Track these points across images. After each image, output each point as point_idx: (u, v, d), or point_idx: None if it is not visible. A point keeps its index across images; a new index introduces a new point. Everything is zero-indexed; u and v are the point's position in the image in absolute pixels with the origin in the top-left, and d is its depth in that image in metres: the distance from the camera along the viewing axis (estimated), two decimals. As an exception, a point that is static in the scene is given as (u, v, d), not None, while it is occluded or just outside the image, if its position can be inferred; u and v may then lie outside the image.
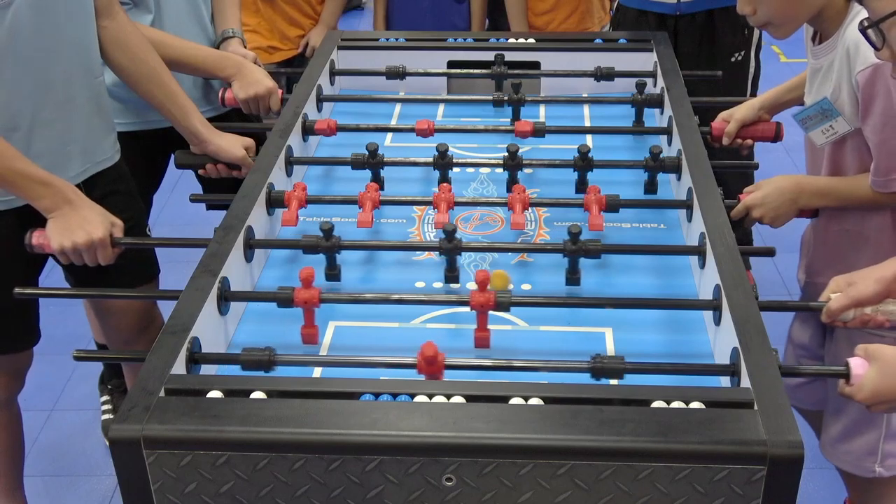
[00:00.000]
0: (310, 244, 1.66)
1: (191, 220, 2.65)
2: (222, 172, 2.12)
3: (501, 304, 1.48)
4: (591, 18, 3.17)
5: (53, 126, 1.87)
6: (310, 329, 1.52)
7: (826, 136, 1.81)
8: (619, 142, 2.20)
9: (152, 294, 2.19)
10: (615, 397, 1.26)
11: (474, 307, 1.48)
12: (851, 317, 1.45)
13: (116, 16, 1.97)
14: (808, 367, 1.77)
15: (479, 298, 1.48)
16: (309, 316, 1.51)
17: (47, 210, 1.76)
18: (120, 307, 2.15)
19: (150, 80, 2.01)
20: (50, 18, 1.81)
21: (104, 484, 2.58)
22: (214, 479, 1.21)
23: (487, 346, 1.49)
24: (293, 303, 1.50)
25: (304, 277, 1.49)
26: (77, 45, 1.88)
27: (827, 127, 1.80)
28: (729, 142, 2.14)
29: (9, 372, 2.05)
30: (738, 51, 2.83)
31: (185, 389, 1.28)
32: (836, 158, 1.85)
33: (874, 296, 1.43)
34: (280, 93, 2.29)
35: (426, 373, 1.36)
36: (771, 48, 5.54)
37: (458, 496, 1.20)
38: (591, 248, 1.63)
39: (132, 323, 2.17)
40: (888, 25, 1.30)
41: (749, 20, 1.82)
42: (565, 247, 1.63)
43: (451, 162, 1.95)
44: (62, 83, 1.87)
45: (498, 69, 2.37)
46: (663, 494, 1.19)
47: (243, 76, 2.25)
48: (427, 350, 1.35)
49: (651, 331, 1.57)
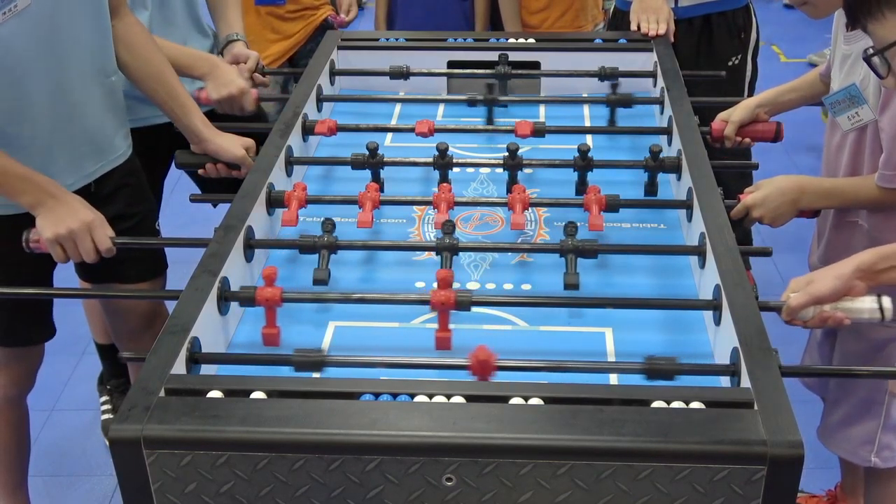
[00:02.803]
0: (306, 244, 1.66)
1: (191, 220, 2.64)
2: (222, 172, 2.11)
3: (462, 304, 1.48)
4: (585, 16, 3.20)
5: (69, 127, 1.87)
6: (271, 329, 1.51)
7: (852, 123, 1.82)
8: (619, 142, 2.20)
9: (152, 294, 2.19)
10: (615, 397, 1.27)
11: (434, 306, 1.48)
12: (811, 315, 1.44)
13: (125, 16, 1.98)
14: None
15: (439, 297, 1.47)
16: (270, 316, 1.50)
17: (31, 206, 1.75)
18: (126, 304, 2.16)
19: (154, 78, 2.01)
20: (67, 19, 1.80)
21: (104, 484, 2.58)
22: (214, 479, 1.21)
23: (448, 348, 1.48)
24: (254, 302, 1.50)
25: (266, 275, 1.49)
26: (93, 46, 1.89)
27: (853, 113, 1.81)
28: (730, 144, 2.14)
29: (20, 368, 2.06)
30: (735, 55, 2.85)
31: (185, 389, 1.28)
32: (856, 158, 1.86)
33: (832, 293, 1.42)
34: (254, 93, 2.28)
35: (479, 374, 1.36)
36: (771, 48, 5.54)
37: (458, 496, 1.20)
38: (589, 247, 1.64)
39: (140, 318, 2.17)
40: (892, 53, 1.30)
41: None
42: (563, 246, 1.63)
43: (451, 162, 1.95)
44: (79, 84, 1.87)
45: (502, 69, 2.37)
46: (663, 494, 1.19)
47: (216, 77, 2.24)
48: (480, 354, 1.34)
49: (651, 331, 1.57)
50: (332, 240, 1.66)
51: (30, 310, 2.00)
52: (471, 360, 1.35)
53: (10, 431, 2.13)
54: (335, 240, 1.67)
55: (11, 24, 1.70)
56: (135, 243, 1.97)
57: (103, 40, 1.91)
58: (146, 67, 2.01)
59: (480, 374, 1.35)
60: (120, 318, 2.19)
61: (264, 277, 1.50)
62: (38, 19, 1.75)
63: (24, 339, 2.03)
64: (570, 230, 1.67)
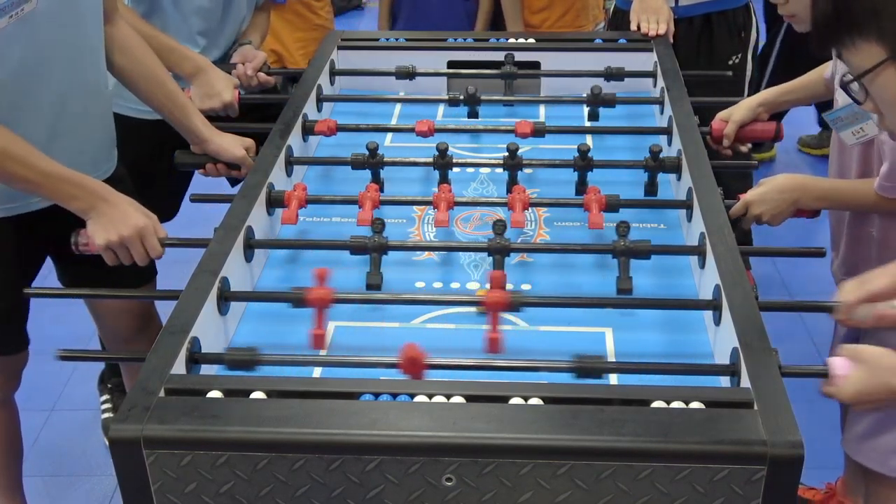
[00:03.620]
0: (359, 245, 1.65)
1: (191, 220, 2.64)
2: (222, 172, 2.12)
3: (514, 304, 1.47)
4: (587, 16, 3.22)
5: (68, 140, 1.85)
6: (319, 331, 1.49)
7: (856, 138, 1.81)
8: (620, 142, 2.20)
9: (153, 294, 2.19)
10: (615, 397, 1.27)
11: (488, 308, 1.47)
12: (866, 314, 1.43)
13: (117, 20, 1.97)
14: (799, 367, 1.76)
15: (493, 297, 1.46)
16: (320, 317, 1.49)
17: (83, 211, 1.71)
18: (118, 308, 2.15)
19: (150, 81, 2.01)
20: (72, 29, 1.79)
21: (104, 484, 2.58)
22: (214, 479, 1.21)
23: (499, 351, 1.46)
24: (305, 303, 1.48)
25: (319, 275, 1.47)
26: (93, 56, 1.88)
27: (858, 129, 1.79)
28: (729, 143, 2.14)
29: (3, 372, 2.04)
30: (735, 54, 2.86)
31: (185, 389, 1.28)
32: (867, 160, 1.85)
33: (887, 289, 1.39)
34: (236, 94, 2.27)
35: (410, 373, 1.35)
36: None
37: (458, 496, 1.20)
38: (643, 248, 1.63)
39: (131, 323, 2.16)
40: (869, 80, 1.30)
41: (780, 9, 1.87)
42: (615, 247, 1.62)
43: (451, 162, 1.95)
44: (81, 96, 1.86)
45: (507, 69, 2.37)
46: (663, 494, 1.19)
47: (202, 84, 2.24)
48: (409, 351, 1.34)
49: (651, 331, 1.57)
50: (383, 240, 1.65)
51: (6, 320, 1.95)
52: (401, 358, 1.35)
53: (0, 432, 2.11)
54: (386, 240, 1.66)
55: (17, 27, 1.67)
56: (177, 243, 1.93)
57: (102, 50, 1.91)
58: (141, 70, 2.00)
59: (412, 372, 1.35)
60: (110, 326, 2.18)
61: (318, 277, 1.48)
62: (44, 26, 1.73)
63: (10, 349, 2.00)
64: (622, 230, 1.65)
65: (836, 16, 1.28)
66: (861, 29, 1.26)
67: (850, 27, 1.27)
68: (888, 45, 1.24)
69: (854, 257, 1.94)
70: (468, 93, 2.22)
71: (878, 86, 1.29)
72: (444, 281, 1.72)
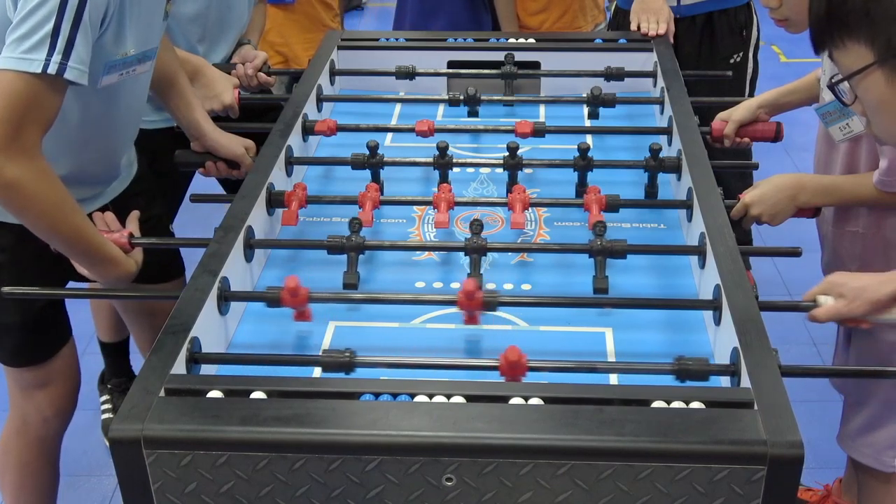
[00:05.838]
0: (336, 245, 1.66)
1: (191, 220, 2.64)
2: (222, 171, 2.12)
3: (488, 305, 1.48)
4: (585, 17, 3.19)
5: (108, 164, 1.91)
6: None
7: (843, 134, 1.82)
8: (620, 142, 2.20)
9: (153, 294, 2.19)
10: (615, 397, 1.26)
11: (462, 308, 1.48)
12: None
13: None
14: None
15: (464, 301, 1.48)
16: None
17: (97, 278, 1.76)
18: (163, 309, 2.16)
19: (159, 72, 2.01)
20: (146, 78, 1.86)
21: (104, 484, 2.58)
22: (214, 479, 1.21)
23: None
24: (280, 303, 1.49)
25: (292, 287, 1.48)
26: (145, 93, 1.92)
27: (844, 125, 1.80)
28: (729, 143, 2.14)
29: (45, 398, 2.05)
30: (737, 52, 2.86)
31: (185, 389, 1.28)
32: (853, 157, 1.85)
33: (862, 316, 1.43)
34: (237, 95, 2.28)
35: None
36: (771, 48, 5.54)
37: (458, 496, 1.20)
38: (619, 248, 1.63)
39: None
40: (856, 82, 1.31)
41: (771, 13, 1.87)
42: (592, 247, 1.63)
43: (451, 162, 1.95)
44: (136, 125, 1.93)
45: (507, 69, 2.37)
46: (663, 494, 1.19)
47: (202, 85, 2.24)
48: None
49: (651, 331, 1.57)
50: (360, 240, 1.66)
51: (46, 318, 1.96)
52: (501, 361, 1.35)
53: (42, 460, 2.14)
54: (363, 240, 1.66)
55: (121, 82, 1.74)
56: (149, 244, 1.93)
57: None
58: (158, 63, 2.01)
59: (510, 374, 1.35)
60: (155, 325, 2.18)
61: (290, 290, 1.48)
62: (142, 78, 1.82)
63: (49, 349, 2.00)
64: (598, 230, 1.65)
65: (828, 16, 1.29)
66: (851, 31, 1.27)
67: (840, 28, 1.28)
68: (877, 49, 1.25)
69: (840, 255, 1.94)
70: (468, 93, 2.22)
71: (863, 89, 1.30)
72: (444, 281, 1.72)
